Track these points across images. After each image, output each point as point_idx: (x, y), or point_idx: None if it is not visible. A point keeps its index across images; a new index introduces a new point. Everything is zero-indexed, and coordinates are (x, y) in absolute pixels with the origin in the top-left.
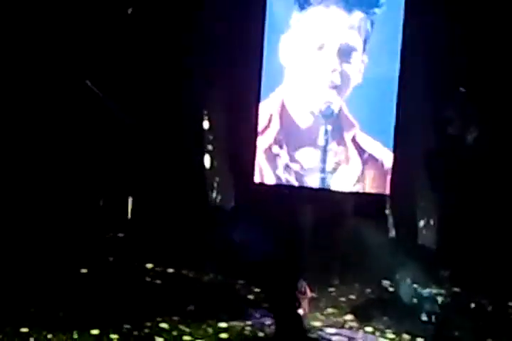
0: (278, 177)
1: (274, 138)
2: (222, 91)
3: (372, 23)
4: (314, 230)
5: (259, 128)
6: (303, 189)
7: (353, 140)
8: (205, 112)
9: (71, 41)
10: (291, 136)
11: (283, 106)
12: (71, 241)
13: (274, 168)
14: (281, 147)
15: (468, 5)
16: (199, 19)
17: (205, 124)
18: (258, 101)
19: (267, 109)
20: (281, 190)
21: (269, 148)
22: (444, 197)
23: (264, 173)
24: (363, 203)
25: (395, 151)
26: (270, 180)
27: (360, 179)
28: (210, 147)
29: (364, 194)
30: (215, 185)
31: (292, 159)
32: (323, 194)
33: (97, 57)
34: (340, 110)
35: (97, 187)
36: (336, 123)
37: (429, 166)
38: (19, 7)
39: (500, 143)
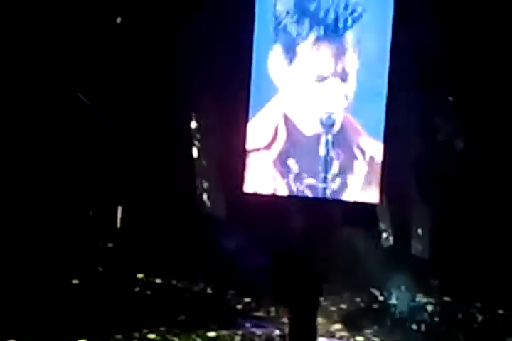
0: (290, 187)
1: (282, 149)
2: (212, 101)
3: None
4: (306, 239)
5: (267, 140)
6: (297, 198)
7: (359, 148)
8: (195, 120)
9: (59, 49)
10: (297, 146)
11: (286, 117)
12: (60, 251)
13: (285, 178)
14: (288, 157)
15: (457, 14)
16: (187, 32)
17: (195, 132)
18: (247, 110)
19: (270, 121)
20: (274, 199)
21: (278, 159)
22: (434, 207)
23: (276, 184)
24: (354, 212)
25: (383, 162)
26: (282, 190)
27: (367, 187)
28: (199, 156)
29: (355, 203)
30: (205, 194)
31: (299, 168)
32: (319, 203)
33: (85, 66)
34: (343, 120)
35: (87, 196)
36: (340, 132)
37: (420, 175)
38: (8, 18)
39: (492, 152)
